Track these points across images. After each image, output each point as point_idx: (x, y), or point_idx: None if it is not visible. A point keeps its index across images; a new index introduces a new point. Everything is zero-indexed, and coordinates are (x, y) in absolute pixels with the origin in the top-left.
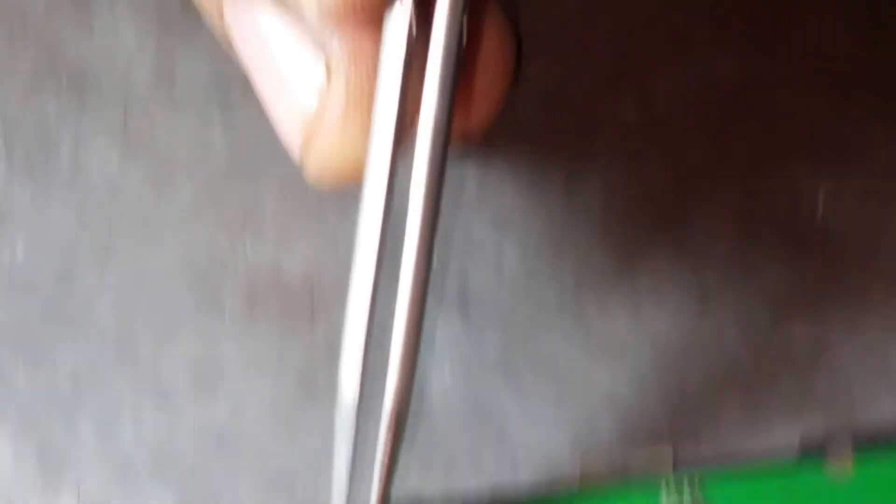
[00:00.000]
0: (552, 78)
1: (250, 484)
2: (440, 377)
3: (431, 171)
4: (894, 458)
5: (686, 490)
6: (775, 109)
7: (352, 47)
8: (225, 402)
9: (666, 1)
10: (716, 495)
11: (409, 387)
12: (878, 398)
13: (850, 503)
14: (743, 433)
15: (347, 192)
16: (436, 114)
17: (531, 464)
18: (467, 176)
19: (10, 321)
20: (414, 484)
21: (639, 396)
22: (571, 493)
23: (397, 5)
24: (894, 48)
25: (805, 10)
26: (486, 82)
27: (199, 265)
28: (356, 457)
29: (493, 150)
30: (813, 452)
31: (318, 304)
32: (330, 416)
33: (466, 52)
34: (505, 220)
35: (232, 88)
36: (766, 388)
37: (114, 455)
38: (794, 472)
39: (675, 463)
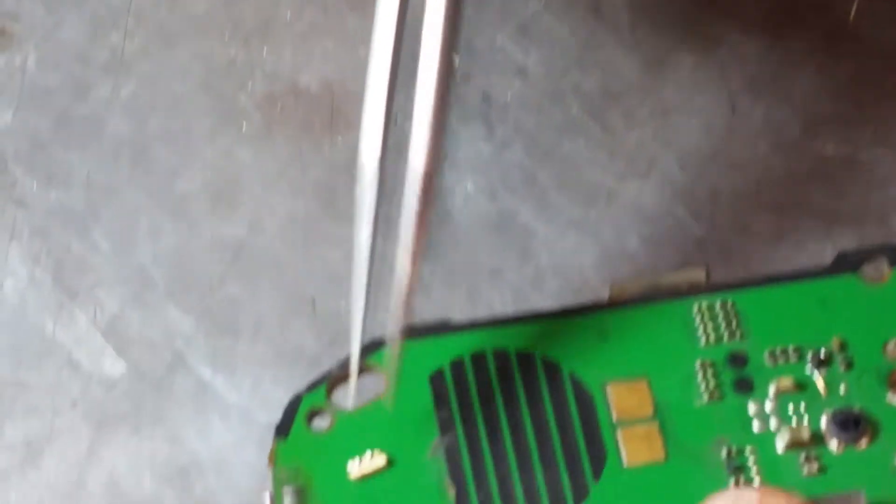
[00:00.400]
0: None
1: (269, 299)
2: (462, 190)
3: None
4: None
5: (718, 303)
6: None
7: None
8: (243, 216)
9: None
10: (749, 306)
11: (438, 144)
12: None
13: (885, 306)
14: (774, 248)
15: None
16: None
17: (555, 277)
18: None
19: (23, 135)
20: (438, 295)
21: (666, 211)
22: (603, 311)
23: None
24: None
25: None
26: None
27: (216, 77)
28: (377, 236)
29: None
30: (848, 263)
31: (337, 116)
32: (348, 229)
33: None
34: (529, 33)
35: None
36: (798, 202)
37: (130, 272)
38: (829, 281)
39: (707, 281)
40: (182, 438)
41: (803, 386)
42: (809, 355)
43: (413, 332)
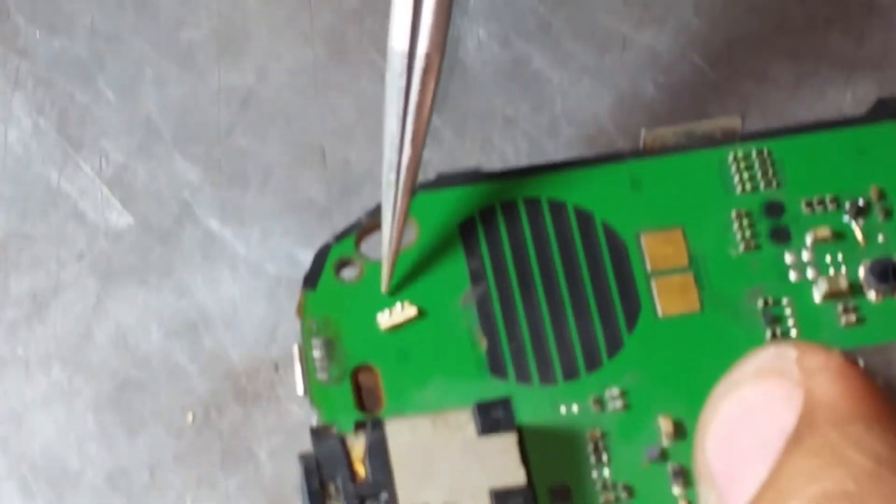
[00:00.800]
0: None
1: (278, 149)
2: (474, 37)
3: None
4: None
5: (754, 151)
6: None
7: None
8: (250, 64)
9: None
10: (786, 154)
11: (443, 29)
12: None
13: None
14: (793, 94)
15: None
16: None
17: (570, 125)
18: None
19: None
20: (449, 144)
21: (682, 57)
22: (636, 159)
23: None
24: None
25: None
26: None
27: None
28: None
29: None
30: (887, 110)
31: None
32: (359, 78)
33: None
34: None
35: None
36: (816, 48)
37: (136, 122)
38: (867, 129)
39: (743, 129)
40: (190, 291)
41: (841, 235)
42: (847, 204)
43: (443, 181)
